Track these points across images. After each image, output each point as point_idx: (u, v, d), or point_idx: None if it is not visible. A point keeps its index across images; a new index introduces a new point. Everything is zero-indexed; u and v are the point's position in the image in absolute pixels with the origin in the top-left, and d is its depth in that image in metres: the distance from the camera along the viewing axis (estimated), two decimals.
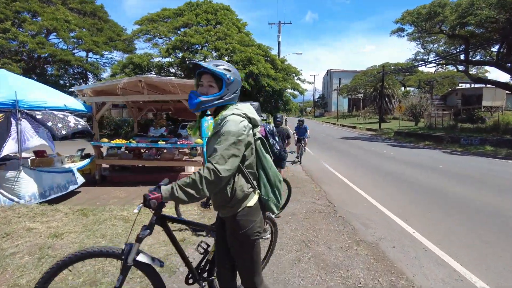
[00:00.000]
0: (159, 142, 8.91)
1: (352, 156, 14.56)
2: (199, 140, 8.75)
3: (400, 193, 7.55)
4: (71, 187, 7.71)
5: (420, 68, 56.39)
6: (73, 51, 24.80)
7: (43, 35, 22.47)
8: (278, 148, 7.76)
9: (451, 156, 15.02)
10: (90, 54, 26.78)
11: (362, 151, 16.87)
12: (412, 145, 20.94)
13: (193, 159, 9.56)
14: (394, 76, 48.35)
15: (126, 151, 10.49)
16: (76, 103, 8.54)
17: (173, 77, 8.64)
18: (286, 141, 7.53)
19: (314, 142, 20.62)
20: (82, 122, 7.46)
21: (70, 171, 7.82)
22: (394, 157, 14.23)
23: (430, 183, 8.61)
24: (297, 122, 15.55)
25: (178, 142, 8.85)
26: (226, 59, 21.05)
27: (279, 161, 7.32)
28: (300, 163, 11.99)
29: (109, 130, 24.89)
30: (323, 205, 6.34)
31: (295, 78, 24.47)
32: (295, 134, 12.49)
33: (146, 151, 9.75)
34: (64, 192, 7.30)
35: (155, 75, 8.58)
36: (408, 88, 58.96)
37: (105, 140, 9.00)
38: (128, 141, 9.02)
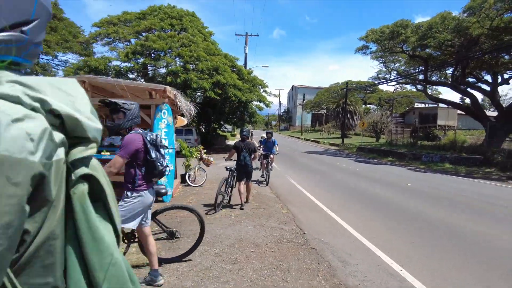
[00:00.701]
0: (103, 153, 7.56)
1: (318, 172, 13.88)
2: None
3: (375, 216, 6.78)
4: None
5: (381, 87, 58.61)
6: None
7: None
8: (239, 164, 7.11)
9: (416, 174, 14.82)
10: (43, 56, 24.42)
11: (327, 166, 16.30)
12: (375, 161, 20.83)
13: None
14: (356, 93, 49.55)
15: None
16: None
17: (122, 79, 7.38)
18: (253, 155, 7.23)
19: (280, 156, 19.82)
20: None
21: None
22: (360, 174, 13.73)
23: (404, 205, 7.98)
24: (262, 135, 14.63)
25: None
26: (191, 67, 19.91)
27: (247, 174, 7.19)
28: (267, 184, 10.09)
29: None
30: (292, 232, 5.37)
31: (261, 90, 23.79)
32: (261, 149, 10.87)
33: None
34: None
35: (100, 76, 7.30)
36: (368, 106, 60.85)
37: None
38: None
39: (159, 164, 3.10)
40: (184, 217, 5.83)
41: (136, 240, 3.59)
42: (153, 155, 3.05)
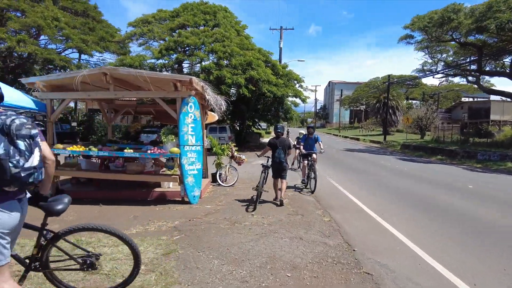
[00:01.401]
0: (125, 150, 6.92)
1: (362, 172, 12.53)
2: (175, 149, 6.76)
3: (440, 228, 5.49)
4: None
5: (424, 81, 54.81)
6: (64, 52, 23.00)
7: (33, 36, 20.78)
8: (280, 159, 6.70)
9: (474, 174, 12.97)
10: (83, 56, 25.03)
11: (371, 165, 14.83)
12: (423, 159, 18.90)
13: (168, 173, 7.56)
14: (398, 88, 46.55)
15: (94, 160, 8.54)
16: (20, 99, 6.60)
17: (144, 70, 6.67)
18: (287, 152, 6.99)
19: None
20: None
21: None
22: (409, 174, 12.21)
23: (473, 213, 6.57)
24: (301, 132, 13.48)
25: (149, 151, 6.85)
26: (225, 63, 19.21)
27: (281, 172, 6.83)
28: (313, 192, 8.05)
29: (100, 135, 22.98)
30: (338, 248, 4.30)
31: (297, 85, 22.58)
32: (300, 147, 9.24)
33: (115, 162, 7.79)
34: None
35: (121, 67, 6.66)
36: (410, 101, 57.14)
37: (59, 146, 7.01)
38: (88, 149, 7.04)
39: (11, 164, 1.90)
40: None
41: None
42: (0, 150, 1.90)
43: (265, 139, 36.29)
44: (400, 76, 49.89)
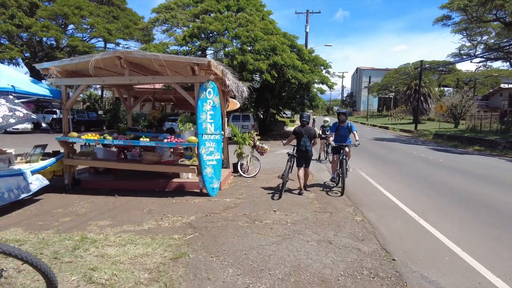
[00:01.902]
0: (141, 139, 6.50)
1: (393, 163, 11.61)
2: (192, 138, 6.27)
3: (496, 233, 4.68)
4: (22, 195, 5.61)
5: (459, 66, 51.47)
6: (89, 41, 23.07)
7: (61, 25, 20.91)
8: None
9: None
10: (108, 45, 25.07)
11: (403, 156, 13.81)
12: (459, 150, 17.52)
13: (187, 163, 7.12)
14: (430, 74, 43.86)
15: (113, 149, 8.26)
16: (34, 86, 6.30)
17: (160, 53, 6.14)
18: (313, 141, 6.87)
19: None
20: (22, 110, 5.15)
21: (20, 174, 5.66)
22: (446, 165, 11.16)
23: None
24: (326, 120, 12.69)
25: (166, 140, 6.39)
26: (249, 48, 18.48)
27: (306, 160, 6.73)
28: (342, 193, 6.69)
29: (126, 123, 23.15)
30: (374, 256, 3.65)
31: (324, 71, 21.51)
32: (330, 139, 8.10)
33: (131, 151, 7.43)
34: (7, 202, 5.26)
35: (136, 50, 6.18)
36: (442, 88, 53.94)
37: (74, 134, 6.70)
38: (102, 137, 6.68)
39: None
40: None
41: None
42: None
43: (290, 128, 35.47)
44: (432, 62, 47.04)
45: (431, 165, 11.27)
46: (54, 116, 23.15)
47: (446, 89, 55.22)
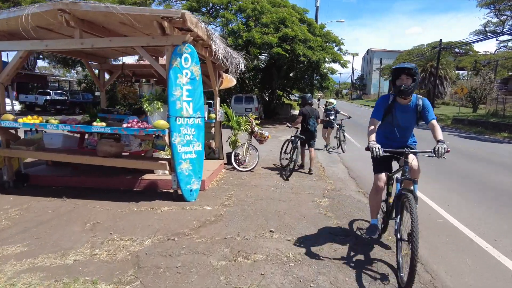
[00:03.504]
0: (94, 124, 4.73)
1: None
2: (161, 123, 4.47)
3: None
4: None
5: (476, 48, 47.97)
6: None
7: None
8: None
9: None
10: None
11: (427, 144, 11.80)
12: (486, 137, 15.42)
13: (163, 154, 5.38)
14: (448, 55, 40.76)
15: (75, 135, 6.52)
16: None
17: (118, 5, 4.20)
18: (317, 121, 6.82)
19: (359, 130, 15.80)
20: None
21: None
22: (482, 157, 9.21)
23: None
24: (326, 102, 10.44)
25: (125, 125, 4.61)
26: (252, 23, 16.33)
27: (312, 140, 6.77)
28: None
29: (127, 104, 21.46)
30: None
31: (336, 48, 19.28)
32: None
33: (89, 138, 5.69)
34: None
35: (84, 1, 4.30)
36: (457, 71, 50.56)
37: (9, 117, 4.95)
38: (45, 121, 4.92)
39: None
40: None
41: None
42: None
43: (296, 111, 33.44)
44: (448, 43, 43.79)
45: (466, 157, 9.31)
46: (48, 97, 21.58)
47: (460, 72, 51.86)
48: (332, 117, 9.64)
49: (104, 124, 4.75)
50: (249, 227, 3.72)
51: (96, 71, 7.53)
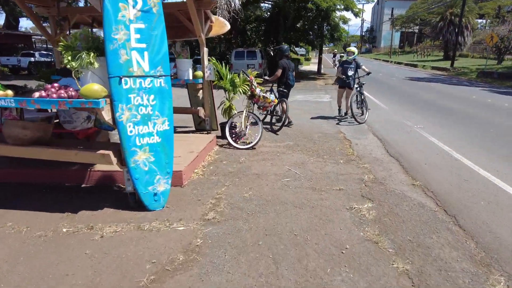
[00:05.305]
0: None
1: (456, 115, 7.72)
2: (93, 88, 2.59)
3: None
4: None
5: None
6: None
7: None
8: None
9: None
10: None
11: (462, 103, 9.72)
12: None
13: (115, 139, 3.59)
14: (469, 1, 36.49)
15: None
16: None
17: None
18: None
19: (377, 85, 13.67)
20: None
21: None
22: None
23: None
24: (340, 56, 8.03)
25: (36, 94, 2.74)
26: None
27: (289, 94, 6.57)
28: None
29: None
30: None
31: None
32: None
33: (4, 115, 3.86)
34: None
35: None
36: (476, 20, 46.03)
37: None
38: None
39: None
40: None
41: None
42: None
43: (304, 67, 30.73)
44: None
45: (503, 115, 7.39)
46: (32, 59, 19.50)
47: (479, 21, 47.29)
48: (351, 73, 7.03)
49: (9, 93, 2.88)
50: (242, 284, 1.99)
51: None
